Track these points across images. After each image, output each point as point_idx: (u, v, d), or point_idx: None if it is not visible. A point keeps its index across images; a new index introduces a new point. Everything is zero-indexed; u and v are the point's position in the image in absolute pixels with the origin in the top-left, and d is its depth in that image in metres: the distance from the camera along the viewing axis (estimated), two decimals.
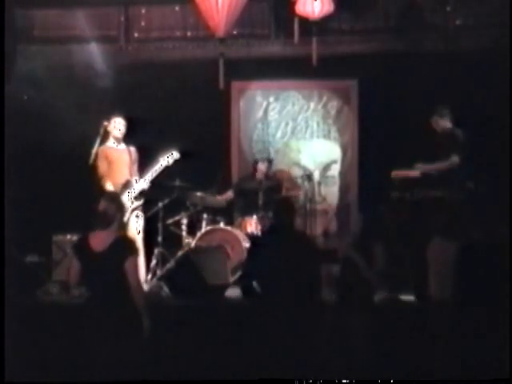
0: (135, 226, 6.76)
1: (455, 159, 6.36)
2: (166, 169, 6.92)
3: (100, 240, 4.81)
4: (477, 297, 4.94)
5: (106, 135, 6.87)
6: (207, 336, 4.91)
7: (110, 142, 6.89)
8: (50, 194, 7.81)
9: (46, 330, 5.01)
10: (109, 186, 6.74)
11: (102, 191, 6.70)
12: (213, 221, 7.65)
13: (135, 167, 6.92)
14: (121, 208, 5.06)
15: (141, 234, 6.77)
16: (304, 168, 8.58)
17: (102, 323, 4.57)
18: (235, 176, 8.57)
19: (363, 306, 5.36)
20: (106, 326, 4.55)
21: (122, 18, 8.48)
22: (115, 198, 5.16)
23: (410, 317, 5.02)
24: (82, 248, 4.84)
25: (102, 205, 4.98)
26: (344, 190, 8.59)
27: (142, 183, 6.78)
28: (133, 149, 6.94)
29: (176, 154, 6.87)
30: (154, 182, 6.89)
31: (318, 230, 8.01)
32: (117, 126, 6.86)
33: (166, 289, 6.57)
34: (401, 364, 4.49)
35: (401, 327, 4.79)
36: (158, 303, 6.05)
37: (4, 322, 4.70)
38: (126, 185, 6.79)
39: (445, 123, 6.66)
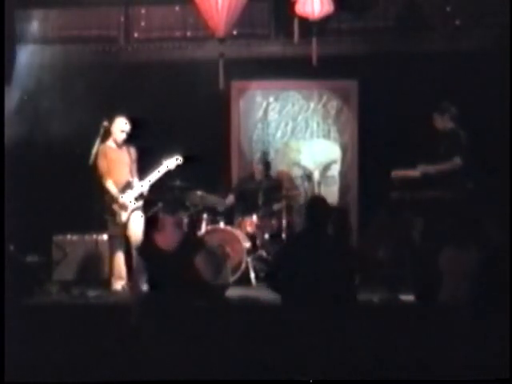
0: (135, 227, 6.76)
1: (457, 161, 6.34)
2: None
3: (168, 239, 4.83)
4: (477, 297, 4.94)
5: (106, 135, 6.87)
6: (207, 336, 4.91)
7: (110, 142, 6.90)
8: (49, 194, 7.81)
9: (45, 330, 5.01)
10: (110, 185, 6.74)
11: (103, 189, 6.73)
12: (213, 221, 7.65)
13: (135, 167, 6.92)
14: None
15: (141, 234, 6.77)
16: (304, 168, 8.58)
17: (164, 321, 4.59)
18: (235, 176, 8.57)
19: (363, 306, 5.36)
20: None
21: (122, 18, 8.48)
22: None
23: (410, 317, 5.02)
24: (146, 247, 4.87)
25: None
26: (344, 190, 8.60)
27: (143, 186, 6.78)
28: (132, 149, 6.94)
29: (179, 159, 6.87)
30: (154, 182, 6.90)
31: None
32: (120, 127, 6.85)
33: None
34: (401, 364, 4.49)
35: (401, 327, 4.78)
36: (157, 303, 6.04)
37: (4, 322, 4.70)
38: (127, 185, 6.79)
39: (445, 122, 6.60)
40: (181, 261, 4.73)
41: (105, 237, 7.26)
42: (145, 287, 5.60)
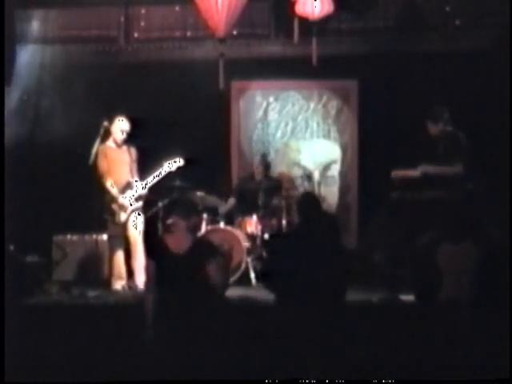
0: (135, 227, 6.75)
1: (459, 167, 6.29)
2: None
3: (179, 242, 4.84)
4: (477, 297, 4.94)
5: (106, 135, 6.87)
6: (207, 336, 4.91)
7: (110, 142, 6.89)
8: (49, 194, 7.81)
9: (45, 330, 5.01)
10: (109, 185, 6.74)
11: (103, 189, 6.72)
12: (213, 221, 7.65)
13: (135, 166, 6.91)
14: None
15: (141, 235, 6.77)
16: (304, 168, 8.58)
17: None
18: (235, 176, 8.57)
19: (363, 306, 5.36)
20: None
21: (122, 18, 8.48)
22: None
23: (410, 317, 5.02)
24: (157, 249, 4.88)
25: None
26: (344, 190, 8.59)
27: (143, 188, 6.77)
28: (133, 149, 6.93)
29: (180, 161, 6.87)
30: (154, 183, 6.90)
31: None
32: (120, 127, 6.84)
33: None
34: (401, 364, 4.49)
35: (401, 327, 4.79)
36: (158, 303, 6.04)
37: (4, 322, 4.70)
38: (127, 185, 6.78)
39: (440, 127, 6.56)
40: (191, 263, 4.74)
41: (105, 237, 7.26)
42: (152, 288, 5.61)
